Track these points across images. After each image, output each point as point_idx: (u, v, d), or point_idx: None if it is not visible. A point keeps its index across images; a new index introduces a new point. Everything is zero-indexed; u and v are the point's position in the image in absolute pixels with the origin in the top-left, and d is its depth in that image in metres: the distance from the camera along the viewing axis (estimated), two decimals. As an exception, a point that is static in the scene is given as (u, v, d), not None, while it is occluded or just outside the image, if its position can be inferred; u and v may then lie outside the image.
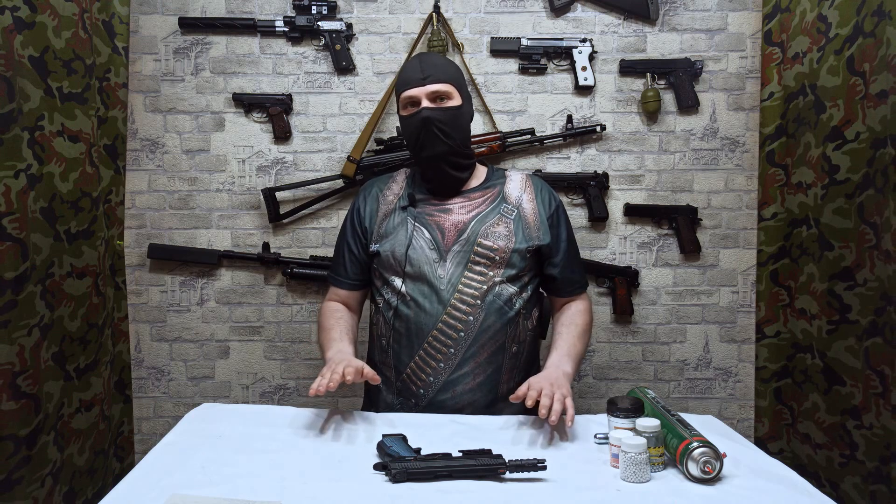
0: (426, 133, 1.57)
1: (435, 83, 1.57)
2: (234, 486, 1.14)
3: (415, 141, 1.60)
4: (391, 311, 1.60)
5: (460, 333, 1.54)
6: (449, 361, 1.55)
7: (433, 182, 1.64)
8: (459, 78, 1.64)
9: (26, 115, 1.60)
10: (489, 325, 1.55)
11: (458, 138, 1.60)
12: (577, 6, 2.19)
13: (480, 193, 1.65)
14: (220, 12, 2.19)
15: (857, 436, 1.78)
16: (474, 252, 1.56)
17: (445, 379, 1.55)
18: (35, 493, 1.63)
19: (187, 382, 2.26)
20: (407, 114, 1.61)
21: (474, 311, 1.54)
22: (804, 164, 1.98)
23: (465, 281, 1.55)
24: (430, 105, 1.58)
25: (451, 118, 1.58)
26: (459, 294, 1.55)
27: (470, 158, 1.67)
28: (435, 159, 1.59)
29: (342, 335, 1.59)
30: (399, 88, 1.62)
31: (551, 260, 1.64)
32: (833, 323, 1.87)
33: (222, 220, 2.23)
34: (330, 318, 1.65)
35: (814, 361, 1.95)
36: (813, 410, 1.96)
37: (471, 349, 1.55)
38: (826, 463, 1.90)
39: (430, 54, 1.68)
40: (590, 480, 1.18)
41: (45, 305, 1.66)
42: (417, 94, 1.58)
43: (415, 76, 1.58)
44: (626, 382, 2.26)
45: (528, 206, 1.64)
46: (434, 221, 1.60)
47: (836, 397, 1.86)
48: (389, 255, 1.59)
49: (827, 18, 1.86)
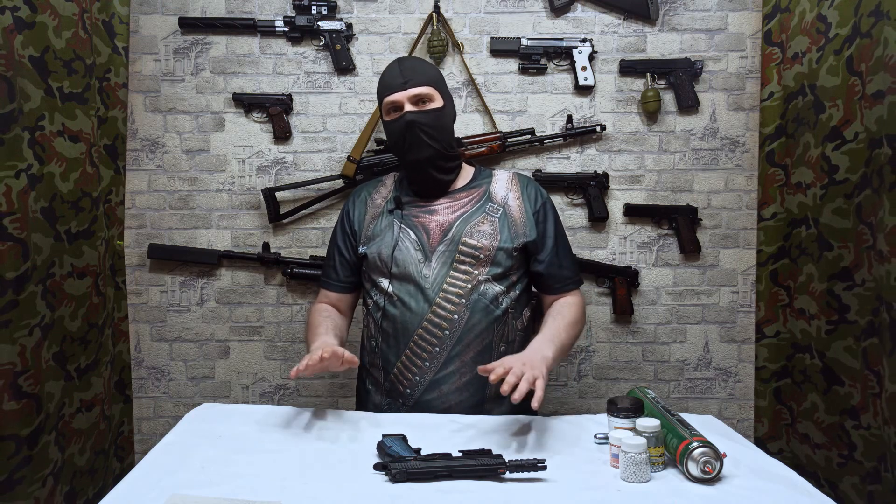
0: (411, 136, 1.58)
1: (416, 86, 1.58)
2: (234, 486, 1.14)
3: (400, 145, 1.61)
4: (379, 312, 1.61)
5: (445, 332, 1.55)
6: (434, 361, 1.55)
7: (419, 184, 1.65)
8: (440, 79, 1.65)
9: (27, 115, 1.60)
10: (474, 323, 1.55)
11: (443, 140, 1.60)
12: (577, 6, 2.19)
13: (466, 193, 1.65)
14: (220, 12, 2.19)
15: (855, 436, 1.78)
16: (458, 251, 1.56)
17: (431, 378, 1.56)
18: (37, 493, 1.63)
19: (187, 382, 2.26)
20: (390, 119, 1.62)
21: (459, 310, 1.55)
22: (803, 165, 1.98)
23: (450, 280, 1.56)
24: (413, 108, 1.58)
25: (434, 120, 1.59)
26: (444, 293, 1.55)
27: (455, 160, 1.67)
28: (420, 162, 1.60)
29: (328, 330, 1.59)
30: (381, 94, 1.63)
31: (537, 256, 1.64)
32: (832, 323, 1.87)
33: (222, 220, 2.23)
34: (317, 317, 1.65)
35: (813, 361, 1.96)
36: (812, 410, 1.96)
37: (456, 348, 1.55)
38: (825, 463, 1.90)
39: (409, 58, 1.69)
40: (590, 480, 1.18)
41: (46, 305, 1.67)
42: (399, 98, 1.58)
43: (395, 81, 1.59)
44: (626, 382, 2.26)
45: (514, 203, 1.64)
46: (420, 222, 1.61)
47: (835, 397, 1.86)
48: (376, 256, 1.60)
49: (826, 18, 1.86)
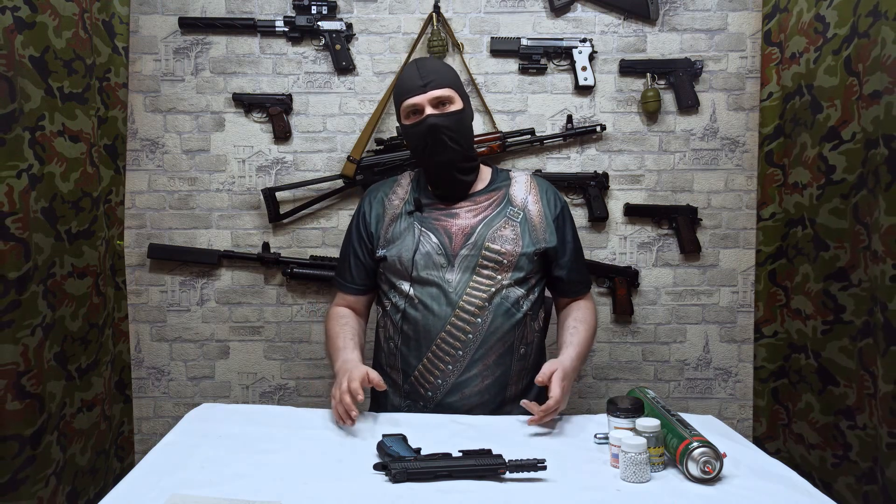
0: (434, 141, 1.56)
1: (436, 89, 1.56)
2: (234, 486, 1.14)
3: (423, 149, 1.59)
4: (399, 314, 1.59)
5: (468, 335, 1.54)
6: (457, 364, 1.55)
7: (443, 188, 1.63)
8: (458, 81, 1.63)
9: (27, 115, 1.60)
10: (497, 326, 1.55)
11: (465, 142, 1.59)
12: (577, 6, 2.19)
13: (486, 196, 1.64)
14: (220, 12, 2.19)
15: (850, 436, 1.78)
16: (482, 256, 1.56)
17: (454, 381, 1.55)
18: (40, 493, 1.63)
19: (187, 382, 2.27)
20: (410, 122, 1.59)
21: (482, 314, 1.54)
22: (801, 165, 1.98)
23: (473, 284, 1.55)
24: (435, 112, 1.56)
25: (456, 123, 1.57)
26: (468, 297, 1.54)
27: (474, 160, 1.66)
28: (445, 166, 1.59)
29: (346, 342, 1.59)
30: (399, 97, 1.60)
31: (558, 261, 1.64)
32: (827, 323, 1.87)
33: (222, 220, 2.23)
34: (335, 325, 1.64)
35: (808, 362, 1.96)
36: (807, 411, 1.96)
37: (479, 351, 1.55)
38: (819, 463, 1.90)
39: (427, 59, 1.67)
40: (590, 480, 1.18)
41: (47, 305, 1.67)
42: (420, 101, 1.56)
43: (415, 84, 1.56)
44: (626, 382, 2.26)
45: (534, 207, 1.64)
46: (441, 226, 1.60)
47: (830, 398, 1.86)
48: (396, 260, 1.59)
49: (825, 19, 1.86)
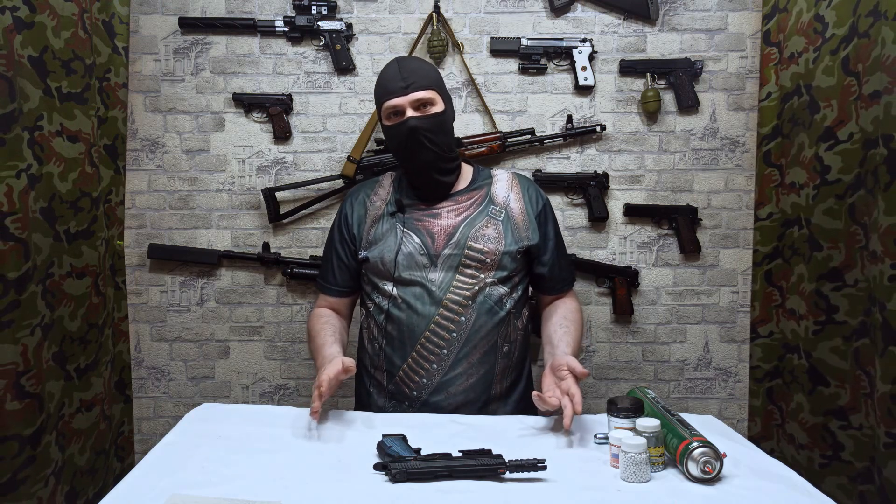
0: (414, 143, 1.55)
1: (418, 91, 1.55)
2: (234, 486, 1.14)
3: (402, 150, 1.59)
4: (382, 315, 1.59)
5: (452, 334, 1.55)
6: (442, 363, 1.55)
7: (422, 188, 1.63)
8: (440, 80, 1.62)
9: (26, 115, 1.60)
10: (481, 325, 1.55)
11: (445, 144, 1.59)
12: (577, 6, 2.19)
13: (468, 196, 1.64)
14: (220, 12, 2.19)
15: (842, 436, 1.78)
16: (465, 256, 1.56)
17: (439, 380, 1.55)
18: (39, 493, 1.63)
19: (187, 382, 2.26)
20: (391, 123, 1.58)
21: (466, 312, 1.55)
22: (797, 165, 1.97)
23: (456, 283, 1.55)
24: (416, 114, 1.55)
25: (437, 125, 1.56)
26: (451, 295, 1.55)
27: (455, 160, 1.65)
28: (425, 167, 1.58)
29: (326, 338, 1.58)
30: (380, 98, 1.59)
31: (540, 258, 1.65)
32: (819, 323, 1.87)
33: (222, 220, 2.23)
34: (316, 324, 1.65)
35: (800, 362, 1.95)
36: (797, 411, 1.96)
37: (463, 349, 1.55)
38: (807, 463, 1.90)
39: (409, 58, 1.64)
40: (590, 480, 1.18)
41: (46, 305, 1.67)
42: (401, 103, 1.55)
43: (396, 85, 1.55)
44: (626, 382, 2.26)
45: (516, 205, 1.64)
46: (423, 226, 1.60)
47: (820, 398, 1.86)
48: (378, 261, 1.59)
49: (824, 18, 1.85)
